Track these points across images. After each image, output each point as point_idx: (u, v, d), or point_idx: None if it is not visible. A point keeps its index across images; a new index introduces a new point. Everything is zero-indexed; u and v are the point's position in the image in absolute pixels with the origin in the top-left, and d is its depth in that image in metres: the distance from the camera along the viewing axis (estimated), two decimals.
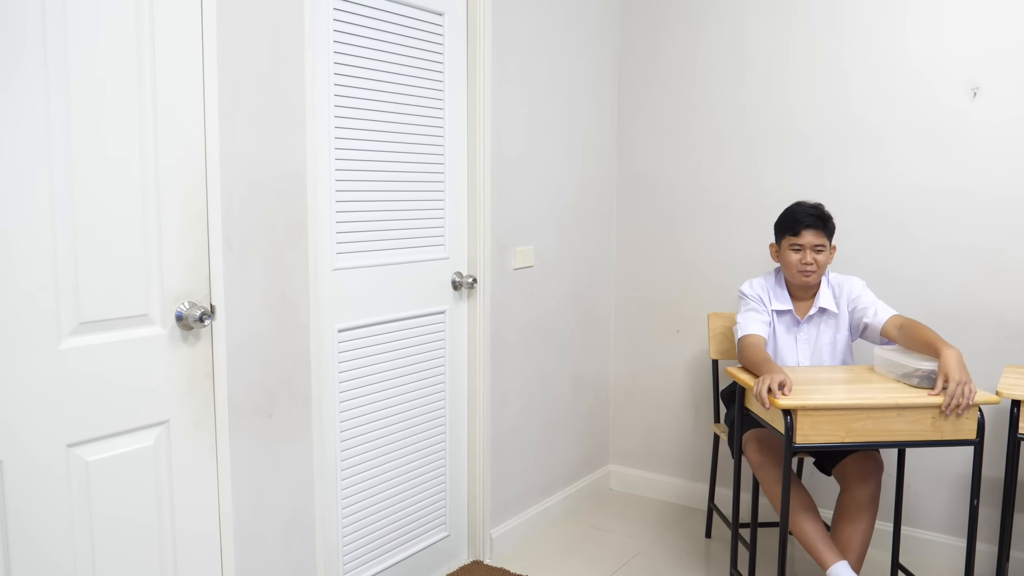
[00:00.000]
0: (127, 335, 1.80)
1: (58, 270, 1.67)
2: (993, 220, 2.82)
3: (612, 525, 3.34)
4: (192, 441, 1.95)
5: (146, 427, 1.86)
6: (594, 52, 3.40)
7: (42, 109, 1.61)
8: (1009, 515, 2.43)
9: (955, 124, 2.86)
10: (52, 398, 1.67)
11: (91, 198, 1.71)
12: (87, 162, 1.70)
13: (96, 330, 1.75)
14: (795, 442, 2.23)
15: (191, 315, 1.90)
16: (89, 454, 1.75)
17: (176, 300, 1.89)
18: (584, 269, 3.46)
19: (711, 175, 3.37)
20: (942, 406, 2.23)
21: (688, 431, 3.53)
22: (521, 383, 3.12)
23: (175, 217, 1.88)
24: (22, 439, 1.63)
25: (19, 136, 1.58)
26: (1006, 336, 2.82)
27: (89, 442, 1.75)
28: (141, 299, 1.83)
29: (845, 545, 2.47)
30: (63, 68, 1.64)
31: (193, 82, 1.89)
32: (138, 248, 1.81)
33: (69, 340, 1.70)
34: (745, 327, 2.66)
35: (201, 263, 1.94)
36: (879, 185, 3.01)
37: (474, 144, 2.78)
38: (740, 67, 3.27)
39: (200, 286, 1.95)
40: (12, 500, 1.63)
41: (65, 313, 1.69)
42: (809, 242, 2.64)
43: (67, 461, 1.71)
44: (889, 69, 2.95)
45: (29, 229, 1.62)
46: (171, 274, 1.88)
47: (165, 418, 1.89)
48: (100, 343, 1.75)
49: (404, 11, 2.50)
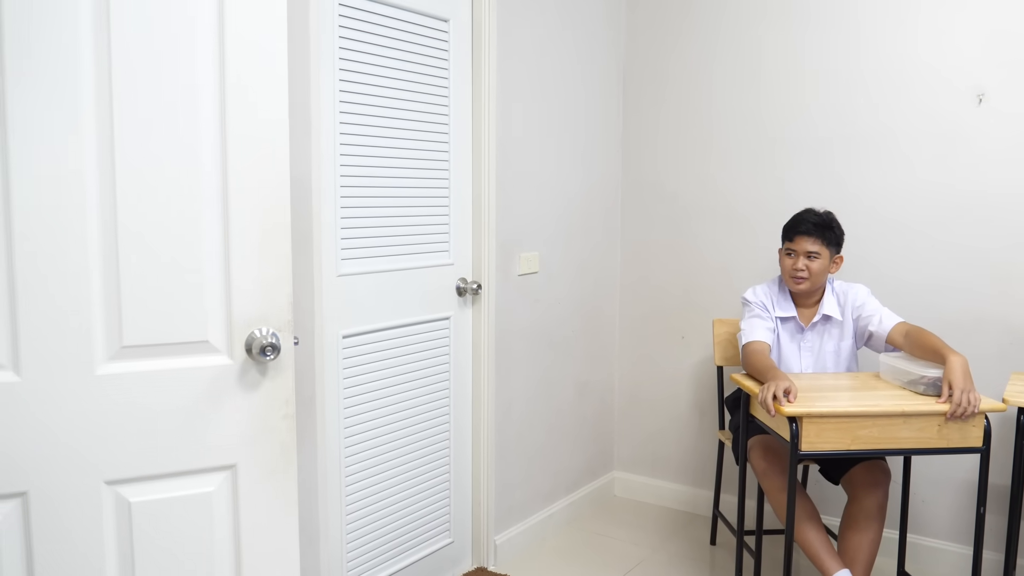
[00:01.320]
0: (183, 363, 1.55)
1: (92, 287, 1.45)
2: (999, 227, 2.81)
3: (616, 532, 3.33)
4: (266, 492, 1.65)
5: (206, 471, 1.59)
6: (599, 58, 3.40)
7: (70, 108, 1.41)
8: (1016, 523, 2.42)
9: (961, 131, 2.85)
10: (86, 429, 1.48)
11: (137, 206, 1.48)
12: (132, 167, 1.48)
13: (142, 356, 1.52)
14: (801, 449, 2.23)
15: (265, 344, 1.59)
16: (132, 494, 1.53)
17: (248, 326, 1.60)
18: (589, 275, 3.45)
19: (716, 182, 3.37)
20: (947, 413, 2.22)
21: (693, 438, 3.53)
22: (525, 389, 3.11)
23: (253, 232, 1.62)
24: (51, 470, 1.45)
25: (51, 135, 1.40)
26: (1012, 343, 2.81)
27: (132, 481, 1.53)
28: (201, 323, 1.56)
29: (853, 554, 2.46)
30: (106, 70, 1.44)
31: None
32: (202, 266, 1.56)
33: (108, 366, 1.48)
34: (749, 334, 2.66)
35: None
36: (885, 191, 3.00)
37: (479, 150, 2.78)
38: (746, 74, 3.26)
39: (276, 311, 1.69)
40: (39, 535, 1.46)
41: (102, 335, 1.48)
42: (802, 248, 2.64)
43: (103, 499, 1.51)
44: (896, 76, 2.95)
45: (58, 240, 1.42)
46: (242, 297, 1.61)
47: (231, 462, 1.61)
48: (146, 370, 1.52)
49: (409, 18, 2.50)
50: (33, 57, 1.38)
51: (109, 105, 1.45)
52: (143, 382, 1.52)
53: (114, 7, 1.44)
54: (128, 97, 1.46)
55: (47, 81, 1.40)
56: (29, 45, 1.37)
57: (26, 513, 1.45)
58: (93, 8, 1.42)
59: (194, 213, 1.53)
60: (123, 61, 1.46)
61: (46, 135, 1.40)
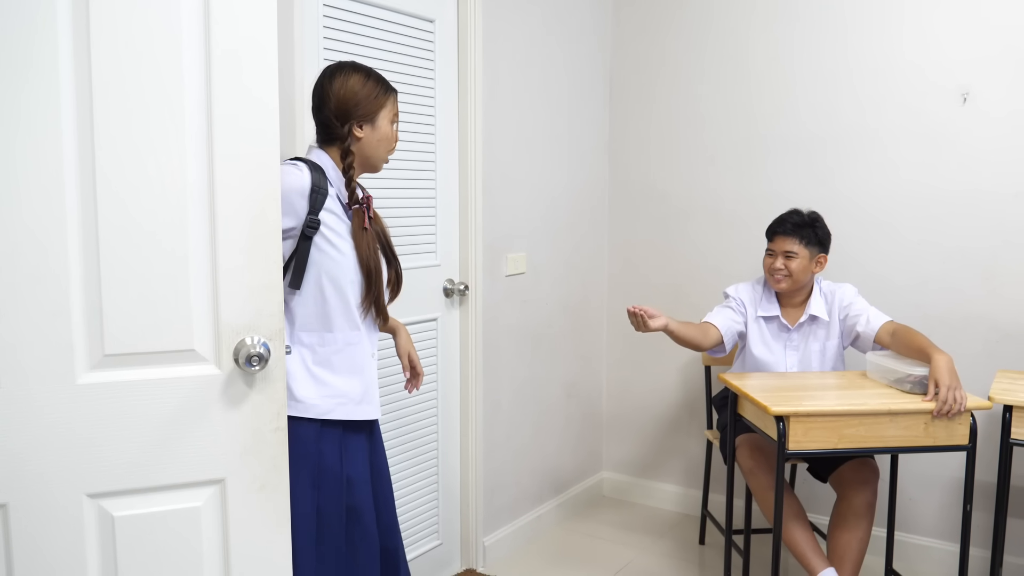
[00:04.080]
0: (169, 373, 1.51)
1: (72, 293, 1.41)
2: (984, 225, 2.83)
3: (605, 532, 3.33)
4: (259, 507, 1.60)
5: (194, 485, 1.54)
6: (586, 58, 3.40)
7: (53, 107, 1.37)
8: (1002, 520, 2.43)
9: (946, 129, 2.87)
10: (68, 439, 1.43)
11: (120, 208, 1.43)
12: (115, 167, 1.43)
13: (126, 364, 1.47)
14: (788, 448, 2.23)
15: (254, 353, 1.53)
16: (116, 508, 1.49)
17: (237, 334, 1.54)
18: (577, 276, 3.45)
19: (703, 182, 3.37)
20: (933, 412, 2.23)
21: (681, 437, 3.53)
22: (514, 390, 3.11)
23: (241, 235, 1.56)
24: (32, 483, 1.41)
25: (31, 135, 1.36)
26: (998, 341, 2.83)
27: (116, 495, 1.48)
28: (187, 331, 1.51)
29: (842, 553, 2.47)
30: (85, 65, 1.39)
31: None
32: (186, 272, 1.50)
33: (89, 375, 1.44)
34: (708, 316, 2.74)
35: None
36: (871, 191, 3.01)
37: (465, 151, 2.78)
38: (732, 74, 3.27)
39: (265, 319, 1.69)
40: (19, 549, 1.42)
41: (84, 343, 1.43)
42: (780, 248, 2.66)
43: (85, 513, 1.46)
44: (881, 75, 2.96)
45: (38, 242, 1.37)
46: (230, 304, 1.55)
47: (220, 476, 1.56)
48: (130, 380, 1.47)
49: (394, 18, 2.49)
50: (6, 48, 1.33)
51: (90, 106, 1.40)
52: (127, 392, 1.47)
53: None
54: (111, 97, 1.41)
55: (20, 77, 1.35)
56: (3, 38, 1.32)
57: (5, 526, 1.41)
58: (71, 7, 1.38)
59: (180, 216, 1.48)
60: (104, 56, 1.40)
61: (22, 132, 1.35)
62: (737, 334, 2.75)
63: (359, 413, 1.87)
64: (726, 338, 2.70)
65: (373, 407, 1.91)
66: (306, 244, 1.78)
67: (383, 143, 1.89)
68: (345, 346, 1.84)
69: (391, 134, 1.90)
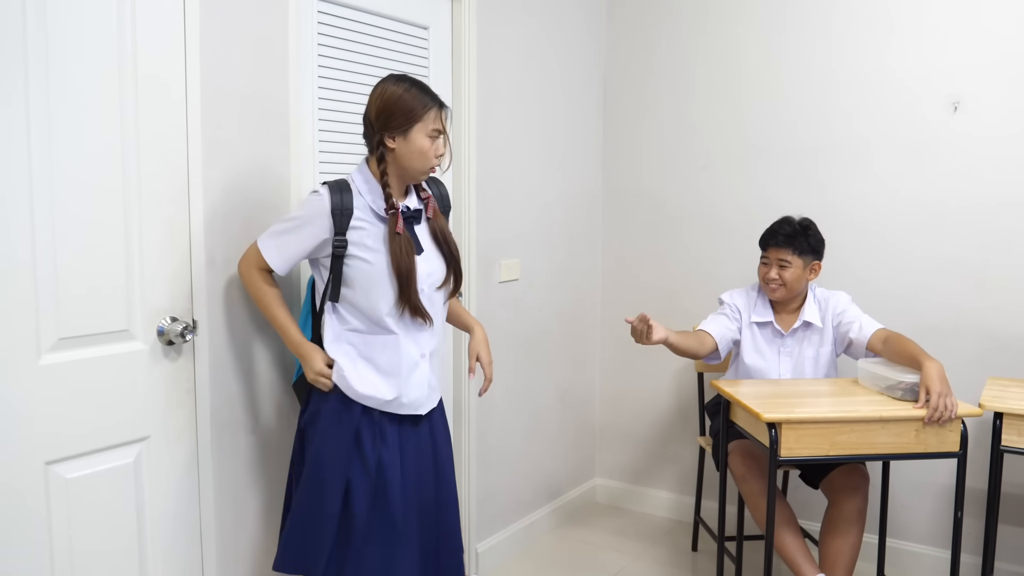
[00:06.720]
0: (108, 351, 1.78)
1: (38, 284, 1.64)
2: (975, 233, 2.84)
3: (599, 539, 3.32)
4: (173, 457, 1.93)
5: (127, 443, 1.83)
6: (579, 66, 3.41)
7: (22, 121, 1.60)
8: (993, 526, 2.44)
9: (937, 138, 2.89)
10: (30, 415, 1.65)
11: (71, 211, 1.70)
12: (68, 175, 1.69)
13: (77, 346, 1.72)
14: (780, 455, 2.24)
15: (172, 330, 1.89)
16: (68, 472, 1.73)
17: (158, 315, 1.88)
18: (570, 282, 3.46)
19: (696, 189, 3.38)
20: (924, 419, 2.24)
21: (674, 444, 3.53)
22: (507, 396, 3.11)
23: (157, 232, 1.86)
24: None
25: None
26: (989, 348, 2.84)
27: (68, 459, 1.72)
28: (122, 314, 1.80)
29: (834, 559, 2.47)
30: (44, 80, 1.63)
31: (176, 95, 1.88)
32: (120, 262, 1.79)
33: (49, 356, 1.67)
34: (703, 324, 2.74)
35: (183, 278, 1.93)
36: (863, 199, 3.03)
37: (459, 157, 2.78)
38: (726, 82, 3.29)
39: (182, 301, 1.93)
40: None
41: (45, 328, 1.66)
42: (774, 257, 2.67)
43: (46, 479, 1.68)
44: (873, 84, 2.98)
45: (7, 242, 1.59)
46: (153, 289, 1.86)
47: (146, 434, 1.87)
48: (80, 359, 1.73)
49: (389, 25, 2.50)
50: None
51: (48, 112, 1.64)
52: (78, 369, 1.72)
53: None
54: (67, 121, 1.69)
55: None
56: None
57: None
58: None
59: (116, 219, 1.78)
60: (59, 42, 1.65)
61: None
62: (732, 341, 2.75)
63: (389, 407, 1.94)
64: (721, 345, 2.71)
65: (409, 406, 1.97)
66: (338, 263, 1.91)
67: (417, 156, 1.91)
68: (383, 348, 1.93)
69: (427, 148, 1.91)
